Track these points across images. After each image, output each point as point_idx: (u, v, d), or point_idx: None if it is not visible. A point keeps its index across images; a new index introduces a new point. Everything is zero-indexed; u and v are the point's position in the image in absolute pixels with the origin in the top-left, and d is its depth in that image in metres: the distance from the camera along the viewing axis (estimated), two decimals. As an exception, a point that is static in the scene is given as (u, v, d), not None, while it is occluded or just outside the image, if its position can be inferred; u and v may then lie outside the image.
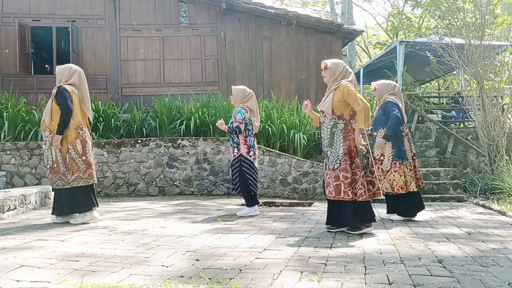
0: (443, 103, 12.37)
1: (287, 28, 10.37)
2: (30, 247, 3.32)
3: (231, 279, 2.45)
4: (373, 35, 24.63)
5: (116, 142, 7.88)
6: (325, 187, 4.09)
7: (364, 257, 3.04)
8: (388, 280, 2.46)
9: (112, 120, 8.39)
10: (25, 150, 7.64)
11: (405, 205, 4.95)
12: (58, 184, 4.56)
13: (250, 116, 5.38)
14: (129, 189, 7.79)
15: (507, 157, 7.41)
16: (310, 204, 6.69)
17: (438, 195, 7.09)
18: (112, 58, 10.12)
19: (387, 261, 2.91)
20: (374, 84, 5.30)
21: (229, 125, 5.41)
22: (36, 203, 6.00)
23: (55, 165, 4.57)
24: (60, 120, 4.53)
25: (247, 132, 5.35)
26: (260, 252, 3.17)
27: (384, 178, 4.95)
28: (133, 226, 4.40)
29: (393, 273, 2.61)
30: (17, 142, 7.73)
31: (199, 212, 5.61)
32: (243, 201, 6.79)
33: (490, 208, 5.94)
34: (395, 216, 5.02)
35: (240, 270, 2.65)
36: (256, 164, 5.41)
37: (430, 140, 9.23)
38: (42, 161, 7.65)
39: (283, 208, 6.31)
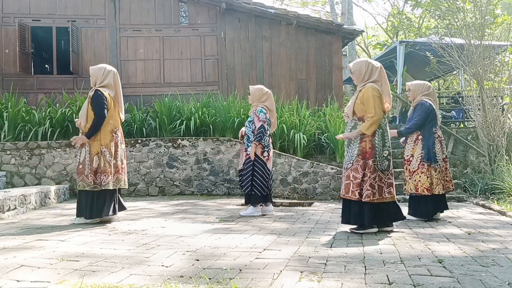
0: (443, 103, 12.37)
1: (287, 28, 10.37)
2: (30, 247, 3.32)
3: (231, 279, 2.45)
4: (373, 35, 24.63)
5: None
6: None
7: (364, 257, 3.04)
8: (388, 280, 2.46)
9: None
10: (25, 150, 7.64)
11: (427, 207, 4.94)
12: (79, 185, 4.53)
13: (269, 117, 5.36)
14: (129, 189, 7.78)
15: (507, 157, 7.41)
16: (310, 204, 6.69)
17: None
18: (112, 58, 10.12)
19: (387, 261, 2.91)
20: (408, 84, 5.30)
21: (247, 124, 5.34)
22: (36, 203, 6.00)
23: (80, 166, 4.55)
24: (92, 125, 4.52)
25: (266, 134, 5.33)
26: (260, 252, 3.17)
27: (410, 179, 4.98)
28: (133, 226, 4.40)
29: (393, 273, 2.61)
30: (17, 142, 7.73)
31: (199, 212, 5.61)
32: (243, 201, 6.80)
33: (490, 208, 5.94)
34: (409, 216, 5.02)
35: (240, 270, 2.65)
36: (270, 165, 5.32)
37: (430, 140, 9.22)
38: (42, 161, 7.66)
39: (283, 208, 6.31)
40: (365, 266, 2.77)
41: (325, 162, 7.97)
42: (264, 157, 5.24)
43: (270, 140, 5.39)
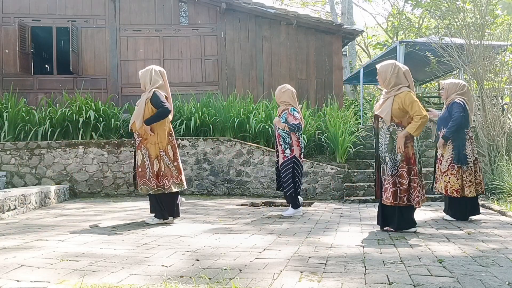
0: (443, 103, 12.36)
1: (287, 28, 10.37)
2: (30, 247, 3.32)
3: (231, 279, 2.45)
4: (373, 35, 24.63)
5: (116, 142, 7.88)
6: (383, 192, 4.10)
7: (364, 257, 3.04)
8: (388, 280, 2.46)
9: (112, 120, 8.38)
10: (25, 150, 7.64)
11: (458, 208, 4.92)
12: (142, 188, 4.51)
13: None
14: (129, 189, 7.78)
15: (507, 157, 7.40)
16: (310, 204, 6.69)
17: (438, 195, 7.08)
18: (112, 58, 10.12)
19: (387, 261, 2.91)
20: (442, 83, 5.25)
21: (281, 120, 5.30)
22: (36, 203, 6.00)
23: (139, 169, 4.55)
24: (156, 114, 4.50)
25: (299, 133, 5.32)
26: (260, 252, 3.17)
27: (441, 178, 4.96)
28: (133, 227, 4.40)
29: (393, 273, 2.61)
30: (17, 142, 7.73)
31: (199, 212, 5.61)
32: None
33: (490, 208, 5.94)
34: (447, 216, 5.02)
35: (240, 270, 2.65)
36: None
37: (430, 140, 9.23)
38: (42, 161, 7.66)
39: (283, 208, 6.31)
40: (365, 266, 2.77)
41: (325, 162, 7.97)
42: (301, 158, 5.32)
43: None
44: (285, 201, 6.87)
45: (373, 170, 7.76)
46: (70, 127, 8.10)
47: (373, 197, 6.92)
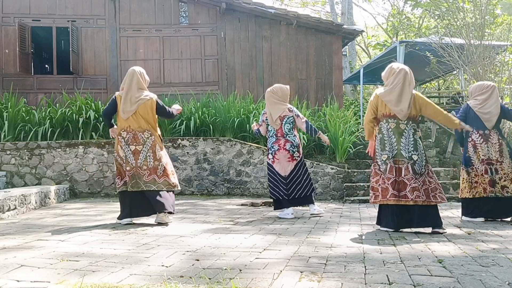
0: (443, 103, 12.37)
1: (287, 28, 10.37)
2: (30, 247, 3.32)
3: (231, 279, 2.45)
4: (373, 35, 24.64)
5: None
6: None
7: (364, 257, 3.04)
8: (388, 280, 2.46)
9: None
10: (25, 150, 7.64)
11: (467, 208, 4.99)
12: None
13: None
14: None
15: (507, 157, 7.39)
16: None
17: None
18: (112, 58, 10.12)
19: (387, 261, 2.91)
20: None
21: (288, 126, 5.20)
22: (36, 203, 6.00)
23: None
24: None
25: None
26: (260, 252, 3.17)
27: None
28: (133, 226, 4.40)
29: (393, 273, 2.61)
30: (17, 142, 7.73)
31: (199, 212, 5.61)
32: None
33: (490, 208, 5.92)
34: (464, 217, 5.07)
35: (240, 270, 2.65)
36: (278, 167, 5.26)
37: (430, 140, 9.23)
38: (42, 161, 7.66)
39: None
40: (365, 266, 2.77)
41: (325, 162, 7.97)
42: (269, 159, 5.23)
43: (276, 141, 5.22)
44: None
45: (366, 170, 7.76)
46: (70, 127, 8.10)
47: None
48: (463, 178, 5.00)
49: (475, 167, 4.91)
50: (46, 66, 12.61)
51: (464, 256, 3.09)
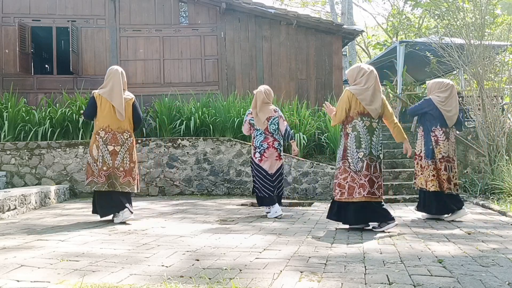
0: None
1: (287, 28, 10.37)
2: (30, 247, 3.32)
3: (231, 279, 2.45)
4: (373, 35, 24.64)
5: (116, 142, 7.87)
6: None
7: (364, 257, 3.04)
8: (388, 280, 2.46)
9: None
10: (25, 150, 7.64)
11: (431, 202, 5.02)
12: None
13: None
14: (129, 189, 7.78)
15: (507, 157, 7.39)
16: (310, 204, 6.69)
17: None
18: (112, 58, 10.12)
19: (387, 261, 2.91)
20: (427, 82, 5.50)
21: (273, 127, 5.24)
22: (36, 203, 6.00)
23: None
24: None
25: None
26: (260, 252, 3.17)
27: (421, 174, 5.06)
28: (133, 226, 4.40)
29: (393, 273, 2.61)
30: (17, 142, 7.73)
31: (199, 212, 5.61)
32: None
33: (490, 208, 5.93)
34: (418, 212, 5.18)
35: (240, 270, 2.65)
36: (265, 166, 5.31)
37: (430, 140, 9.21)
38: (42, 161, 7.66)
39: (283, 208, 6.30)
40: (365, 266, 2.77)
41: (325, 162, 7.97)
42: (256, 158, 5.26)
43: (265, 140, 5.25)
44: (285, 200, 6.87)
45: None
46: (70, 127, 8.10)
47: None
48: (422, 169, 5.00)
49: (435, 161, 4.95)
50: (46, 66, 12.61)
51: (464, 256, 3.09)
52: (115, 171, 4.58)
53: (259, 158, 5.19)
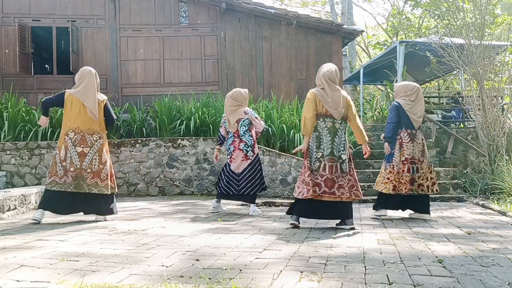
0: (443, 103, 12.37)
1: (287, 28, 10.37)
2: (30, 247, 3.32)
3: (231, 279, 2.45)
4: (373, 35, 24.64)
5: (116, 142, 7.88)
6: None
7: (364, 257, 3.04)
8: (388, 280, 2.46)
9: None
10: (25, 150, 7.64)
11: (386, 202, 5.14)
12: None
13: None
14: (129, 189, 7.79)
15: (507, 157, 7.40)
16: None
17: (438, 195, 7.09)
18: (112, 58, 10.12)
19: (387, 261, 2.91)
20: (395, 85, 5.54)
21: (243, 129, 5.44)
22: (36, 203, 6.00)
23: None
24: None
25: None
26: (260, 252, 3.17)
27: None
28: (133, 226, 4.40)
29: (393, 273, 2.61)
30: (17, 142, 7.73)
31: (199, 212, 5.61)
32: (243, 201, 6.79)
33: (490, 208, 5.94)
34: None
35: (240, 270, 2.65)
36: (233, 166, 5.51)
37: (430, 140, 9.22)
38: (42, 161, 7.65)
39: (283, 208, 6.30)
40: (365, 266, 2.77)
41: (325, 162, 7.96)
42: (228, 159, 5.53)
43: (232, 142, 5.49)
44: (285, 201, 6.88)
45: (366, 170, 7.76)
46: (70, 127, 8.09)
47: (374, 197, 6.90)
48: (384, 173, 5.10)
49: (394, 165, 5.02)
50: (46, 66, 12.60)
51: (464, 256, 3.09)
52: (82, 173, 4.59)
53: (229, 159, 5.49)
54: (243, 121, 5.45)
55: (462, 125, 11.08)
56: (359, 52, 25.65)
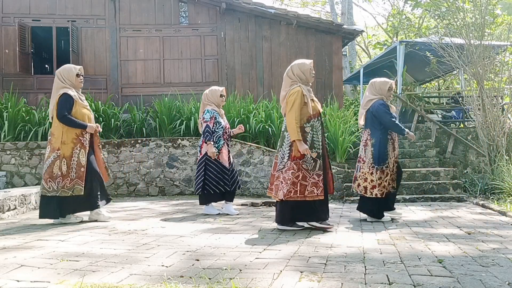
0: (443, 103, 12.36)
1: (287, 28, 10.37)
2: (30, 247, 3.32)
3: (231, 279, 2.45)
4: (373, 35, 24.65)
5: (116, 142, 7.88)
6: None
7: (364, 257, 3.04)
8: (388, 280, 2.46)
9: (112, 120, 8.39)
10: (25, 150, 7.64)
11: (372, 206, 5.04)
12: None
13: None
14: (129, 189, 7.79)
15: (507, 157, 7.40)
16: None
17: (438, 195, 7.09)
18: (112, 58, 10.12)
19: (387, 261, 2.91)
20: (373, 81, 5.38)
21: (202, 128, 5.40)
22: (36, 203, 6.00)
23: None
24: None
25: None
26: (260, 252, 3.17)
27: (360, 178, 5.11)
28: (133, 226, 4.40)
29: (393, 273, 2.61)
30: (17, 142, 7.73)
31: (199, 212, 5.61)
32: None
33: (490, 208, 5.94)
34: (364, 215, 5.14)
35: (240, 270, 2.65)
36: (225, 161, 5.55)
37: (430, 140, 9.23)
38: (42, 161, 7.65)
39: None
40: (365, 266, 2.77)
41: (325, 162, 7.95)
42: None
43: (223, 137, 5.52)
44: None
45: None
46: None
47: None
48: (379, 177, 4.82)
49: (388, 166, 4.86)
50: (46, 66, 12.60)
51: (464, 256, 3.09)
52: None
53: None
54: (202, 121, 5.43)
55: (462, 125, 11.08)
56: (359, 52, 25.65)
